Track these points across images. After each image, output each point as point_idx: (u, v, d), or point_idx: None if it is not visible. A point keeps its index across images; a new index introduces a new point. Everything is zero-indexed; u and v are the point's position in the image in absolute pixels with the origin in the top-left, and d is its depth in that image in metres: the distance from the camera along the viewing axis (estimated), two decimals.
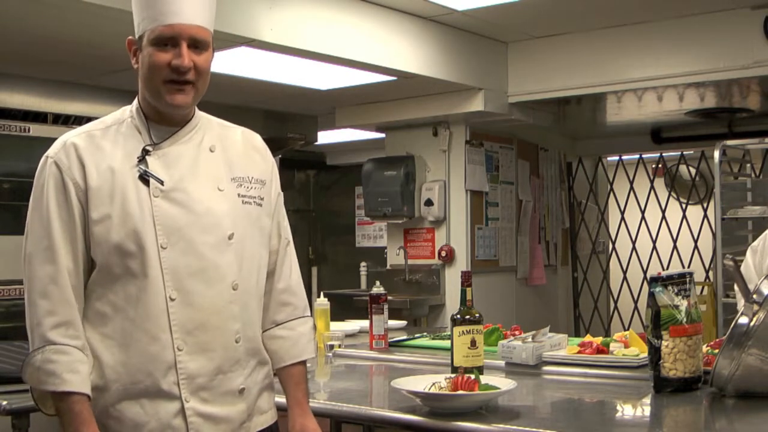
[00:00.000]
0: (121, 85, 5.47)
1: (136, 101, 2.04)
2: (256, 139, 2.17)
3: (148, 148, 1.96)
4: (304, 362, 2.16)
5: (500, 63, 6.01)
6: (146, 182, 1.93)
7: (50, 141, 1.99)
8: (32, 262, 1.93)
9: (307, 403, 2.13)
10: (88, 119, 1.88)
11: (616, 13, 5.29)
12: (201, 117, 2.09)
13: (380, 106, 6.35)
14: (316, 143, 7.32)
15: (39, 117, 5.27)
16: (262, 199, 2.08)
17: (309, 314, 2.22)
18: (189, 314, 1.92)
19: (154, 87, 1.95)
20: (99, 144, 1.95)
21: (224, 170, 2.03)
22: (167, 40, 1.93)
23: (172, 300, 1.90)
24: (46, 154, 1.97)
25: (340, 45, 4.80)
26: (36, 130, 4.59)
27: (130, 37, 2.00)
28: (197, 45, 1.96)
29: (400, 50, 5.22)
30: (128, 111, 2.04)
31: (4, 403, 2.56)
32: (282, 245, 2.17)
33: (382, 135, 6.88)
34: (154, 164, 1.95)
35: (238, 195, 2.03)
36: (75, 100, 5.48)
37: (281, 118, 6.71)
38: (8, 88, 5.19)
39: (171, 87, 1.94)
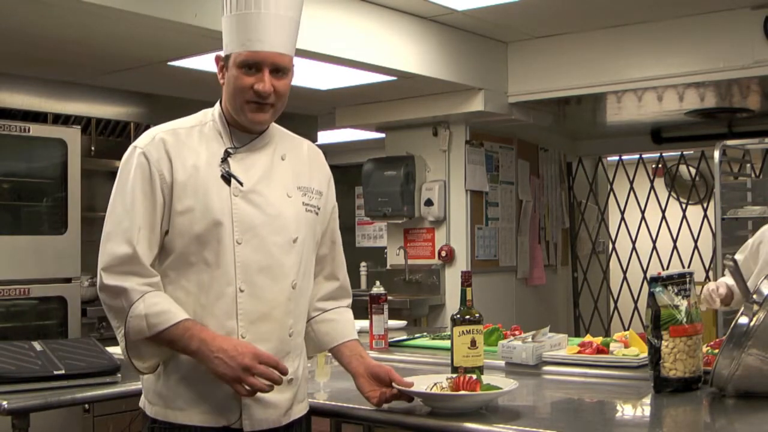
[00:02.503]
0: (121, 85, 5.48)
1: (218, 107, 2.20)
2: (319, 153, 2.37)
3: (230, 150, 2.14)
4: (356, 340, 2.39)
5: (500, 63, 6.02)
6: (227, 182, 2.10)
7: (50, 141, 2.02)
8: (111, 239, 2.05)
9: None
10: (88, 119, 1.90)
11: (616, 13, 5.30)
12: (274, 128, 2.27)
13: (380, 106, 6.36)
14: (316, 143, 7.30)
15: (39, 117, 5.28)
16: (319, 209, 2.27)
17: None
18: (254, 306, 2.09)
19: (237, 105, 2.13)
20: (185, 142, 2.11)
21: (292, 179, 2.21)
22: (252, 65, 2.10)
23: (242, 291, 2.07)
24: (133, 144, 2.12)
25: (340, 45, 4.80)
26: (36, 130, 4.59)
27: (218, 54, 2.16)
28: (278, 70, 2.13)
29: (400, 50, 5.22)
30: (209, 115, 2.20)
31: (5, 403, 2.56)
32: (336, 249, 2.40)
33: (382, 135, 6.88)
34: (235, 166, 2.13)
35: (303, 203, 2.21)
36: (75, 100, 5.48)
37: (281, 118, 6.67)
38: (8, 88, 5.19)
39: (253, 107, 2.13)
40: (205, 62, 4.75)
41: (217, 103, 2.22)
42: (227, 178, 2.10)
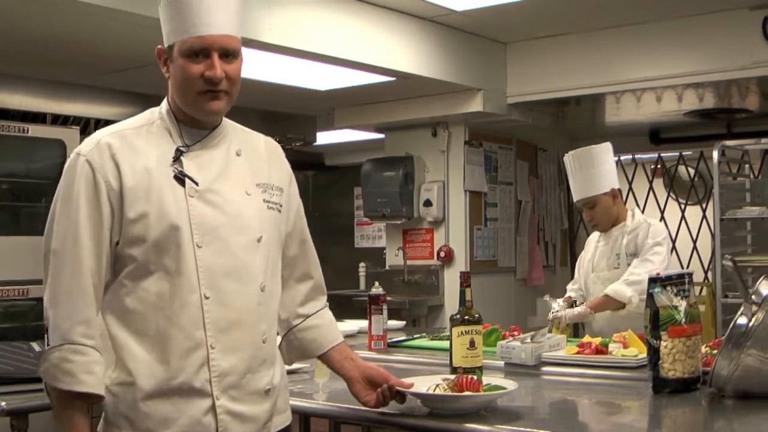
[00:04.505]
0: (120, 85, 5.47)
1: (165, 104, 2.07)
2: (278, 148, 2.23)
3: (182, 149, 1.99)
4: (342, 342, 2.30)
5: (499, 63, 6.02)
6: (181, 182, 1.96)
7: (49, 141, 1.98)
8: (57, 258, 1.91)
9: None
10: (87, 120, 1.88)
11: (614, 13, 5.30)
12: (227, 122, 2.12)
13: (379, 106, 6.36)
14: (314, 144, 7.32)
15: (38, 117, 5.27)
16: (281, 206, 2.12)
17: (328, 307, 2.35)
18: (222, 313, 1.94)
19: (189, 97, 1.99)
20: (132, 143, 1.97)
21: (250, 175, 2.07)
22: (198, 51, 1.95)
23: (207, 298, 1.93)
24: (76, 151, 1.98)
25: (338, 45, 4.80)
26: (35, 130, 4.58)
27: (159, 47, 2.03)
28: (228, 54, 1.99)
29: (399, 51, 5.22)
30: (156, 112, 2.07)
31: (3, 403, 2.55)
32: (307, 248, 2.28)
33: (381, 135, 6.88)
34: (188, 165, 1.98)
35: (264, 200, 2.07)
36: (74, 100, 5.47)
37: (280, 119, 6.71)
38: (7, 89, 5.19)
39: (206, 96, 1.97)
40: None
41: (164, 100, 2.08)
42: (181, 178, 1.96)
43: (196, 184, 1.96)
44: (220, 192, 1.99)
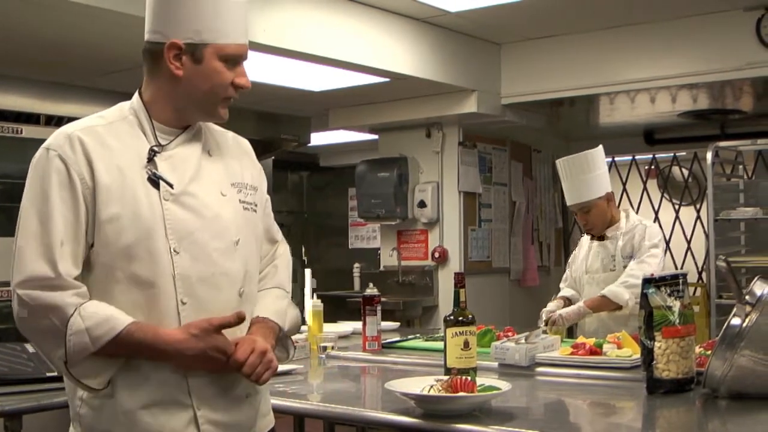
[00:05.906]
0: (115, 86, 5.46)
1: (137, 99, 1.95)
2: (247, 144, 2.14)
3: (155, 149, 1.89)
4: (273, 323, 2.03)
5: (493, 64, 6.02)
6: (155, 184, 1.86)
7: (43, 143, 1.93)
8: (27, 258, 1.83)
9: (271, 332, 2.00)
10: None
11: (609, 14, 5.31)
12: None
13: (373, 107, 6.36)
14: (309, 144, 7.32)
15: (32, 118, 5.26)
16: (256, 205, 2.04)
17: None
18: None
19: (210, 101, 1.94)
20: (103, 140, 1.85)
21: (225, 175, 1.99)
22: (236, 59, 1.93)
23: (184, 304, 1.84)
24: (45, 146, 1.85)
25: (333, 46, 4.80)
26: (28, 131, 4.57)
27: (176, 40, 1.86)
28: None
29: (394, 52, 5.22)
30: (127, 108, 1.95)
31: None
32: (276, 248, 2.16)
33: (376, 136, 6.88)
34: (162, 166, 1.88)
35: (240, 201, 1.99)
36: (68, 101, 5.46)
37: (274, 120, 6.70)
38: (1, 89, 5.18)
39: (225, 102, 1.96)
40: None
41: (135, 96, 1.96)
42: (155, 180, 1.85)
43: (171, 186, 1.87)
44: (195, 194, 1.90)
